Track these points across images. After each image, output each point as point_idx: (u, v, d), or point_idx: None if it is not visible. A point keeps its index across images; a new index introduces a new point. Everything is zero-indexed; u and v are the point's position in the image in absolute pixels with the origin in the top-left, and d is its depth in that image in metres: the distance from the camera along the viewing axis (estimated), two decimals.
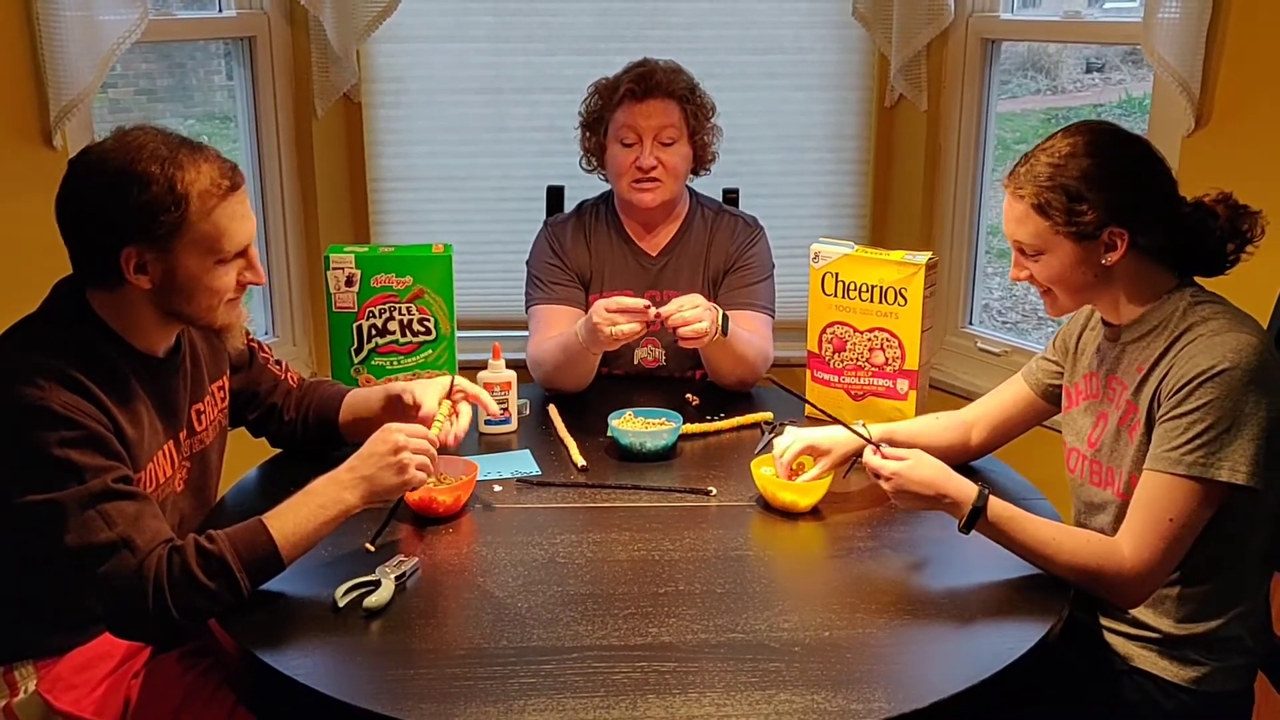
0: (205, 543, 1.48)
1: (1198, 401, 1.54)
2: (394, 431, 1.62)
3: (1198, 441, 1.53)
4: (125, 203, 1.49)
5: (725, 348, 2.23)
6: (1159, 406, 1.59)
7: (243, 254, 1.60)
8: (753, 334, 2.32)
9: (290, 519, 1.53)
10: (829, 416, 1.84)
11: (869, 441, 1.73)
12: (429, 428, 1.73)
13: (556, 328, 2.31)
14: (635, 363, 2.45)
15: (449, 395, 1.86)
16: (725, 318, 2.19)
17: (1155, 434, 1.59)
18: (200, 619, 1.49)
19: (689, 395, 2.28)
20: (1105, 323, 1.73)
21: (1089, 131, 1.64)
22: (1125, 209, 1.59)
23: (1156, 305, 1.65)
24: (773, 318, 2.42)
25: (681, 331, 2.12)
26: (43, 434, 1.45)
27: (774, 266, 2.47)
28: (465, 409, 1.87)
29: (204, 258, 1.55)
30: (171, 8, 2.78)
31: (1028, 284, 1.72)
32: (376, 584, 1.53)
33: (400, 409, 1.87)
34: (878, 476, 1.67)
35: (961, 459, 1.92)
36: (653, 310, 2.11)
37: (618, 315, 2.09)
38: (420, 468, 1.61)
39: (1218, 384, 1.53)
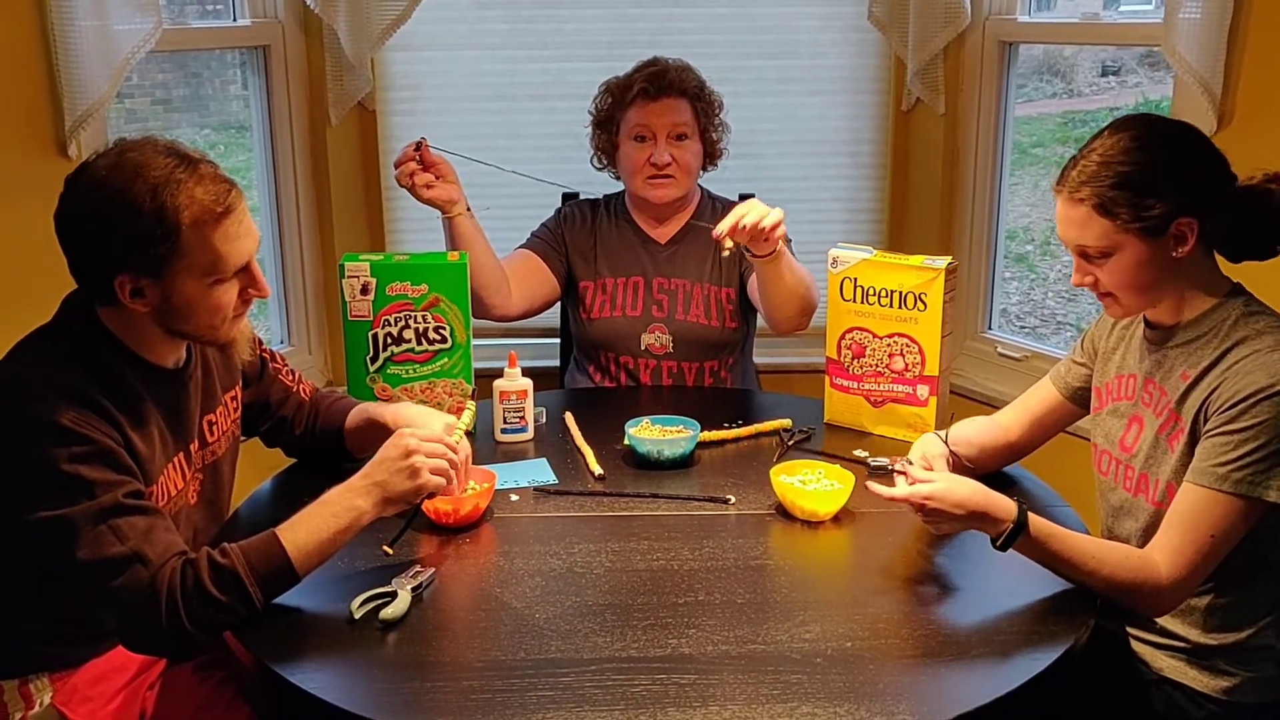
0: (218, 556, 1.47)
1: (1252, 420, 1.50)
2: (406, 436, 1.59)
3: (1247, 460, 1.50)
4: (115, 234, 1.47)
5: (785, 263, 2.14)
6: (1206, 420, 1.55)
7: (244, 270, 1.57)
8: None
9: (304, 530, 1.52)
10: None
11: (895, 471, 1.70)
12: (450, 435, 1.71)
13: (511, 264, 2.44)
14: (643, 348, 2.44)
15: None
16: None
17: (1201, 447, 1.55)
18: (214, 632, 1.48)
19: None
20: (1150, 325, 1.69)
21: (1138, 125, 1.59)
22: (1193, 197, 1.55)
23: (1210, 310, 1.61)
24: None
25: (766, 225, 1.99)
26: (53, 450, 1.44)
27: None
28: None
29: (201, 280, 1.53)
30: (187, 17, 2.78)
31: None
32: (393, 595, 1.52)
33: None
34: (911, 505, 1.59)
35: (1006, 458, 1.91)
36: (721, 233, 2.00)
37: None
38: (438, 472, 1.59)
39: (1274, 404, 1.49)
